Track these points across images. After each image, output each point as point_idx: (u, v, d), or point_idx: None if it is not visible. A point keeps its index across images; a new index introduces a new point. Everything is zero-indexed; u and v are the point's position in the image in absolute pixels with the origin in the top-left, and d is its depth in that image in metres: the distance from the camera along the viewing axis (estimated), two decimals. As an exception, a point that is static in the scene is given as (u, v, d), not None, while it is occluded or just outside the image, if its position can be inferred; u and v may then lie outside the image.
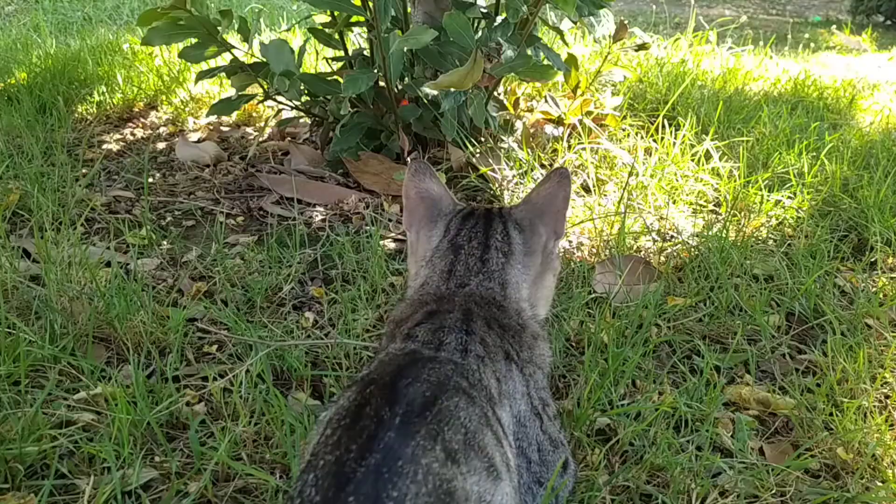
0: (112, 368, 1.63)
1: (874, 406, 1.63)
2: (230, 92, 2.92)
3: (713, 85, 4.09)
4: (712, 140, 2.84)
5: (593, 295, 2.02)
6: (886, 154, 3.11)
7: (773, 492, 1.40)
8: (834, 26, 7.71)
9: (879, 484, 1.44)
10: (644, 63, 4.16)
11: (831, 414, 1.60)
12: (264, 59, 2.75)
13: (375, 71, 2.65)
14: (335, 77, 2.87)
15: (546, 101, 3.14)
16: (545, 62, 2.80)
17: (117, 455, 1.36)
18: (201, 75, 2.72)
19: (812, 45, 6.12)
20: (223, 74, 2.93)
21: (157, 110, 3.51)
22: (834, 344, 1.79)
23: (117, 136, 3.18)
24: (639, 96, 3.71)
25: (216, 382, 1.59)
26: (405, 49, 2.73)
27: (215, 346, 1.79)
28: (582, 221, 2.44)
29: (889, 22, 9.38)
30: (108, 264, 2.00)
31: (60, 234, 2.06)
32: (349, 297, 1.96)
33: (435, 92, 2.76)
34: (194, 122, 3.40)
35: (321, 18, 3.22)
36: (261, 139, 3.21)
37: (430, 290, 1.42)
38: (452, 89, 2.63)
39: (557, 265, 1.57)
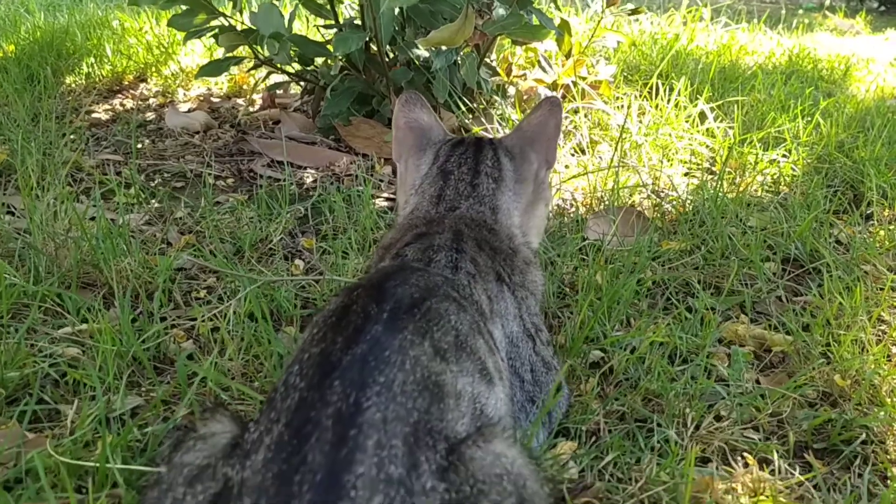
0: (98, 307, 1.59)
1: (871, 338, 1.61)
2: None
3: (707, 59, 4.07)
4: (707, 103, 2.82)
5: (587, 241, 1.99)
6: (881, 119, 3.09)
7: (770, 412, 1.38)
8: (828, 3, 7.68)
9: (877, 409, 1.42)
10: (638, 39, 4.13)
11: (828, 345, 1.58)
12: (254, 28, 2.72)
13: (367, 31, 2.63)
14: (327, 46, 2.85)
15: (539, 64, 3.11)
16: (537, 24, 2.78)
17: (102, 382, 1.33)
18: (189, 35, 2.69)
19: (806, 21, 6.10)
20: (214, 44, 2.90)
21: (147, 82, 3.48)
22: (830, 282, 1.77)
23: (106, 106, 3.15)
24: (633, 68, 3.69)
25: (204, 316, 1.57)
26: (395, 11, 2.71)
27: (204, 292, 1.76)
28: (575, 176, 2.42)
29: (883, 8, 9.38)
30: (94, 219, 1.97)
31: (46, 192, 2.03)
32: (340, 246, 1.93)
33: (427, 54, 2.74)
34: (184, 94, 3.38)
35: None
36: (251, 109, 3.18)
37: (420, 214, 1.40)
38: (444, 47, 2.61)
39: (549, 195, 1.55)
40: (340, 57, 2.72)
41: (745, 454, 1.27)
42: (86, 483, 1.11)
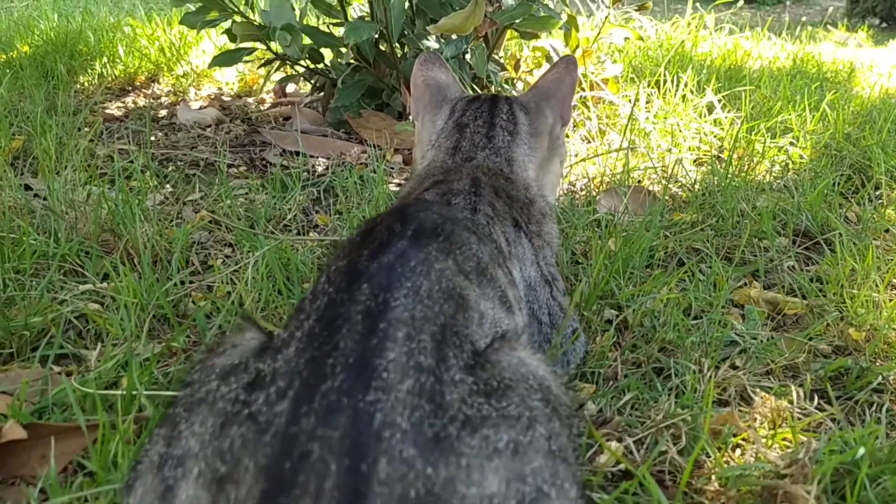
0: (120, 265, 1.61)
1: (885, 298, 1.61)
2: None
3: (712, 62, 4.10)
4: (714, 94, 2.85)
5: (597, 216, 2.01)
6: (886, 113, 3.11)
7: (785, 359, 1.39)
8: (830, 13, 7.74)
9: (891, 361, 1.43)
10: (643, 43, 4.17)
11: (842, 302, 1.59)
12: (265, 25, 2.75)
13: (377, 24, 2.66)
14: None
15: (548, 58, 3.15)
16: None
17: (122, 330, 1.35)
18: (203, 25, 2.72)
19: (809, 27, 6.15)
20: (226, 45, 2.94)
21: (159, 82, 3.52)
22: (842, 247, 1.78)
23: (118, 103, 3.18)
24: (639, 71, 3.72)
25: (223, 273, 1.59)
26: (405, 5, 2.75)
27: (220, 260, 1.78)
28: (585, 159, 2.44)
29: (885, 24, 9.45)
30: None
31: (65, 168, 2.05)
32: (354, 219, 1.95)
33: (437, 45, 2.77)
34: (196, 93, 3.41)
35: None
36: (262, 108, 3.22)
37: (437, 164, 1.42)
38: (454, 36, 2.64)
39: (564, 151, 1.57)
40: (351, 47, 2.75)
41: (763, 394, 1.28)
42: (110, 416, 1.12)
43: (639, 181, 2.36)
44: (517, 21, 2.65)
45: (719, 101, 2.83)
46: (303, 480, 0.67)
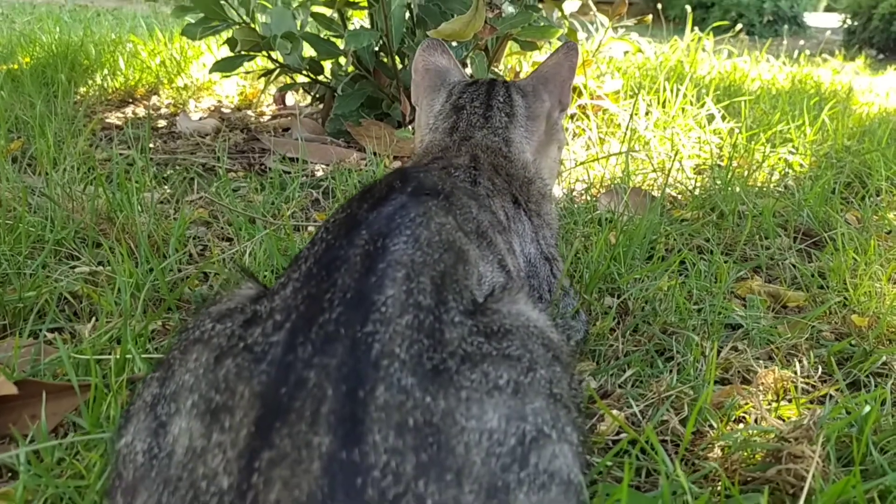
0: (115, 248, 1.60)
1: (888, 288, 1.60)
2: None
3: (711, 82, 4.12)
4: (714, 104, 2.86)
5: (597, 212, 2.00)
6: (885, 126, 3.12)
7: (788, 340, 1.37)
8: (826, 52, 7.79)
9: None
10: (642, 63, 4.20)
11: (845, 289, 1.58)
12: (265, 37, 2.76)
13: (378, 31, 2.67)
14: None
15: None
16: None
17: (117, 305, 1.33)
18: (204, 31, 2.73)
19: (807, 52, 6.20)
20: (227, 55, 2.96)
21: (159, 95, 3.53)
22: (844, 241, 1.77)
23: (118, 113, 3.19)
24: (638, 87, 3.74)
25: (222, 256, 1.57)
26: (406, 16, 2.76)
27: (218, 250, 1.77)
28: (585, 161, 2.44)
29: (882, 55, 9.52)
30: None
31: (64, 161, 2.05)
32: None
33: (436, 54, 2.78)
34: (195, 105, 3.42)
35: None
36: (262, 119, 3.22)
37: (435, 144, 1.42)
38: (454, 43, 2.65)
39: (563, 137, 1.56)
40: (351, 55, 2.76)
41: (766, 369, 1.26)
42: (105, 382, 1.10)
43: (642, 181, 2.36)
44: (517, 29, 2.66)
45: (718, 111, 2.83)
46: (298, 406, 0.66)
